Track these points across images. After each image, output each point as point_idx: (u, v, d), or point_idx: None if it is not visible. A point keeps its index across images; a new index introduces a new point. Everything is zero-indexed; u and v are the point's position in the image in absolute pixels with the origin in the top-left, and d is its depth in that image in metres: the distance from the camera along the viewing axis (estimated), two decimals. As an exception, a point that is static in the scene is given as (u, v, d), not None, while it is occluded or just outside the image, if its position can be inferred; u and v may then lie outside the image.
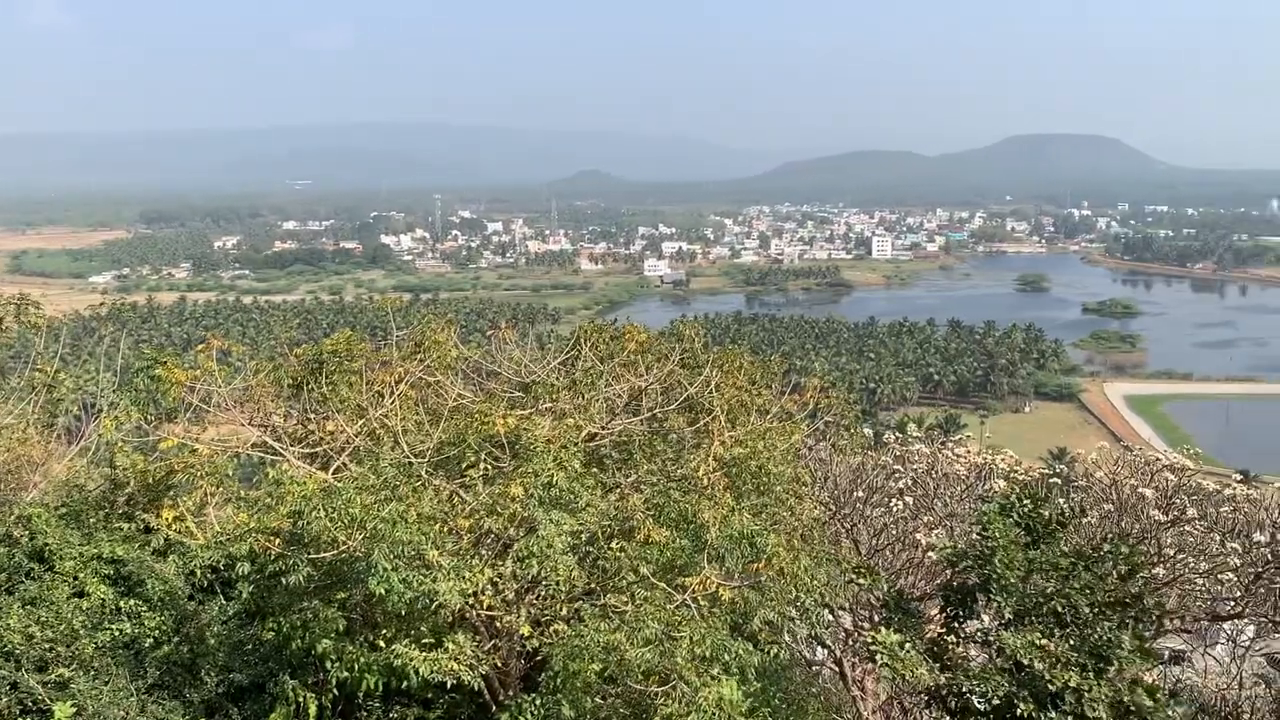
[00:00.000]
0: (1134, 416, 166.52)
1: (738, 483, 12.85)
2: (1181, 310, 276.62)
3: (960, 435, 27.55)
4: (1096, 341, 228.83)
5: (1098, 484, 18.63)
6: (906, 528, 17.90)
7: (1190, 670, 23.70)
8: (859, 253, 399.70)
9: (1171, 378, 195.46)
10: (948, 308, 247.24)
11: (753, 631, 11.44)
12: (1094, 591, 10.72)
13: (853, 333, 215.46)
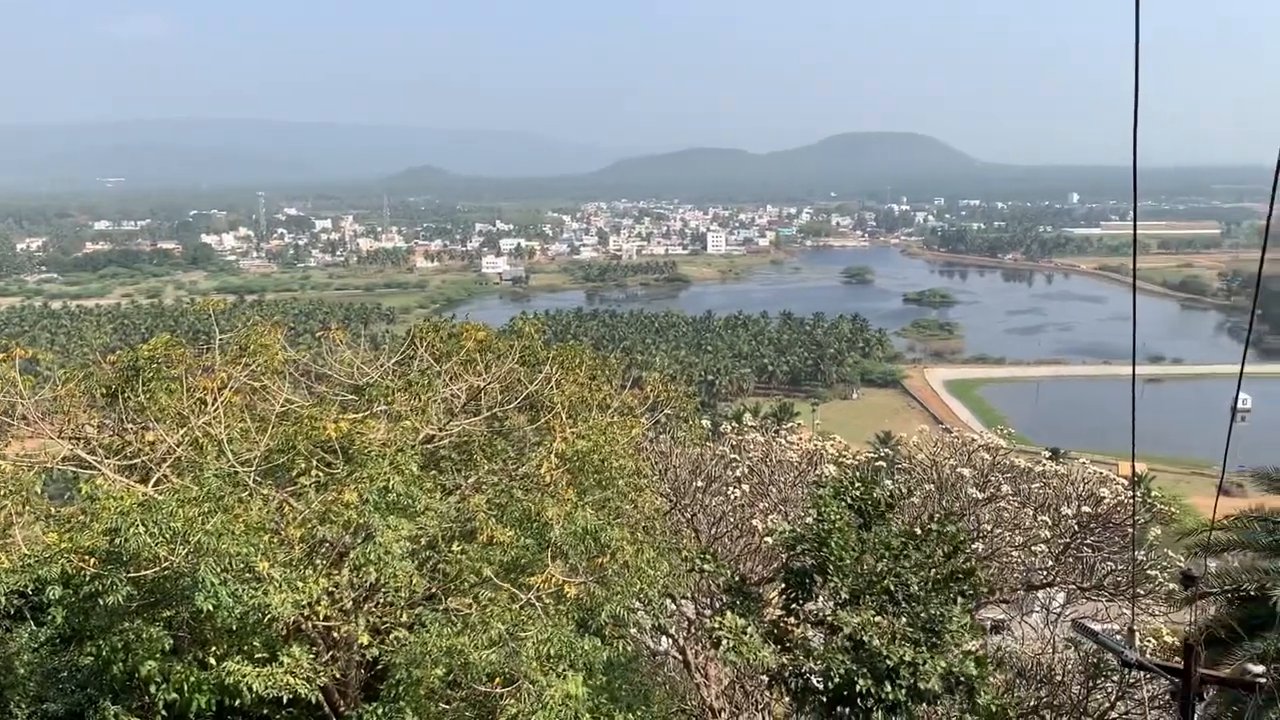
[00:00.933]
0: (953, 400, 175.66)
1: (580, 478, 12.86)
2: (994, 299, 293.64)
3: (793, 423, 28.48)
4: (917, 330, 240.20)
5: (920, 465, 19.59)
6: (744, 514, 18.37)
7: (1010, 638, 25.20)
8: (695, 248, 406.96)
9: (986, 362, 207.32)
10: (780, 300, 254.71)
11: (598, 626, 11.48)
12: (923, 569, 11.26)
13: (691, 326, 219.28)
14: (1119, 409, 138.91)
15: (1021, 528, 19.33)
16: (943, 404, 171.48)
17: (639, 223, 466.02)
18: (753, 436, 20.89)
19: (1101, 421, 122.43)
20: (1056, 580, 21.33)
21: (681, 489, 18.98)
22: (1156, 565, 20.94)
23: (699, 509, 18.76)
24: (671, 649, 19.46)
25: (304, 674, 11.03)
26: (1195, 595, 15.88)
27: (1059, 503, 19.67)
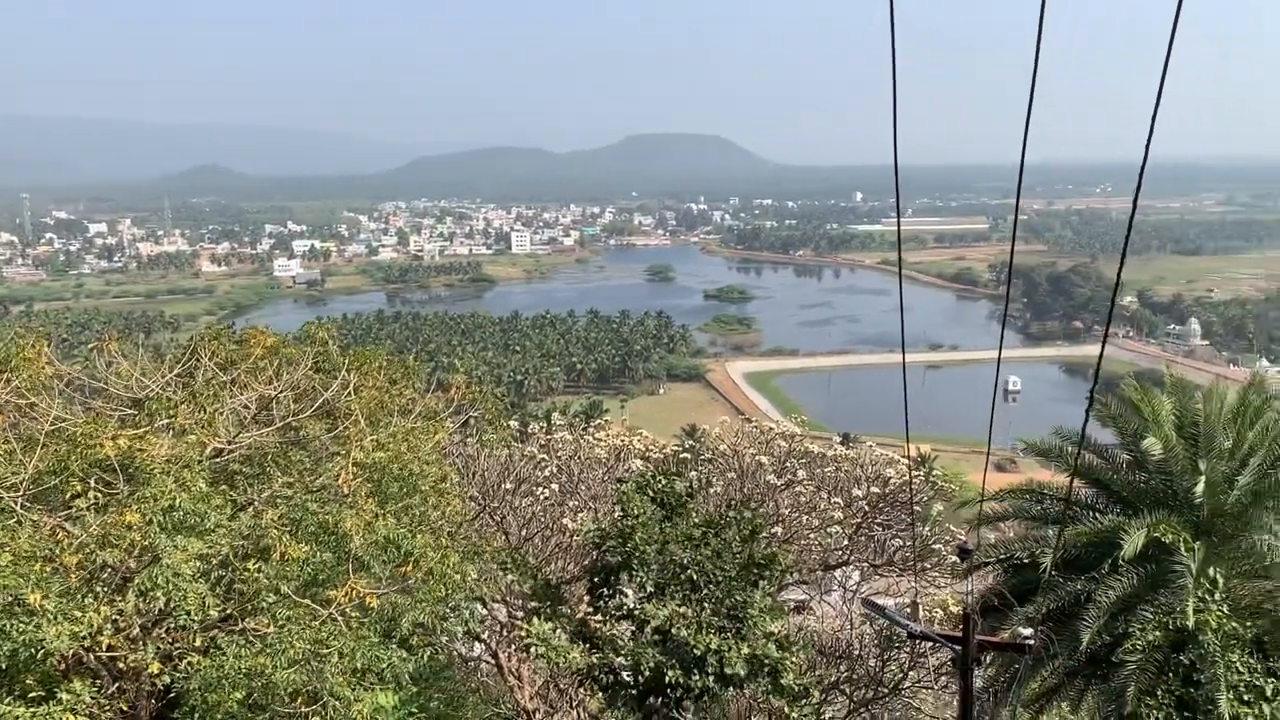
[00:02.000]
0: (753, 391, 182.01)
1: (382, 486, 12.53)
2: (787, 293, 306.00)
3: (602, 420, 28.73)
4: (718, 325, 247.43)
5: (722, 455, 20.19)
6: (554, 514, 18.40)
7: (812, 617, 26.33)
8: (499, 248, 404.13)
9: (782, 354, 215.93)
10: (586, 299, 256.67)
11: (403, 636, 11.24)
12: (723, 556, 11.59)
13: (498, 327, 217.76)
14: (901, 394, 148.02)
15: (817, 510, 20.22)
16: (744, 395, 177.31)
17: (440, 222, 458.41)
18: (561, 435, 20.96)
19: (889, 406, 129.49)
20: (851, 559, 22.46)
21: (490, 492, 18.81)
22: (940, 540, 22.39)
23: (508, 511, 18.65)
24: (484, 653, 19.27)
25: (86, 710, 10.26)
26: (972, 567, 17.04)
27: (850, 485, 20.70)
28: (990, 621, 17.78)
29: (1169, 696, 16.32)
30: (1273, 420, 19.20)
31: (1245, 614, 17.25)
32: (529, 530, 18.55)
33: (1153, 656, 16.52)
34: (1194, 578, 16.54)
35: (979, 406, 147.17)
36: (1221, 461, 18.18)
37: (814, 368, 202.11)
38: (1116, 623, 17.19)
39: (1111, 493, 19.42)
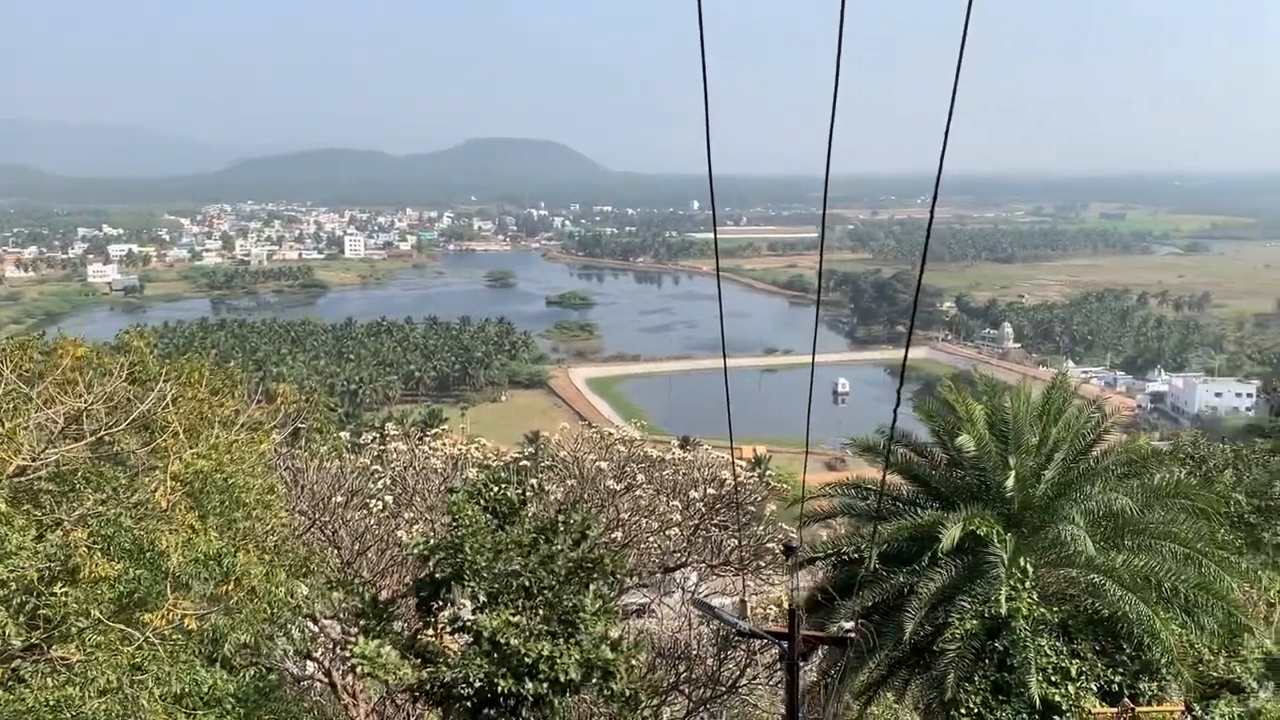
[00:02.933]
0: (596, 397, 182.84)
1: (203, 501, 11.97)
2: (628, 300, 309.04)
3: (440, 429, 28.26)
4: (560, 331, 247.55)
5: (563, 462, 20.21)
6: (389, 527, 17.99)
7: (653, 620, 26.63)
8: (332, 252, 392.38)
9: (624, 360, 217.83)
10: (424, 305, 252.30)
11: (225, 657, 10.76)
12: (555, 560, 11.59)
13: (331, 334, 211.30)
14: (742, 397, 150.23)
15: (656, 513, 20.48)
16: (586, 401, 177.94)
17: (269, 226, 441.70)
18: (396, 446, 20.52)
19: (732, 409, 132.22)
20: (690, 560, 22.85)
21: (321, 505, 18.24)
22: (773, 538, 23.03)
23: (340, 525, 18.12)
24: (317, 672, 18.66)
25: None
26: (797, 564, 17.60)
27: (688, 487, 21.05)
28: (820, 617, 18.40)
29: (985, 681, 17.29)
30: (1073, 417, 20.63)
31: (1052, 600, 18.46)
32: (362, 544, 18.07)
33: (970, 644, 17.46)
34: (1006, 568, 17.56)
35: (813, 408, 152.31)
36: (1029, 457, 19.39)
37: (655, 373, 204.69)
38: (937, 613, 18.10)
39: (931, 489, 20.43)
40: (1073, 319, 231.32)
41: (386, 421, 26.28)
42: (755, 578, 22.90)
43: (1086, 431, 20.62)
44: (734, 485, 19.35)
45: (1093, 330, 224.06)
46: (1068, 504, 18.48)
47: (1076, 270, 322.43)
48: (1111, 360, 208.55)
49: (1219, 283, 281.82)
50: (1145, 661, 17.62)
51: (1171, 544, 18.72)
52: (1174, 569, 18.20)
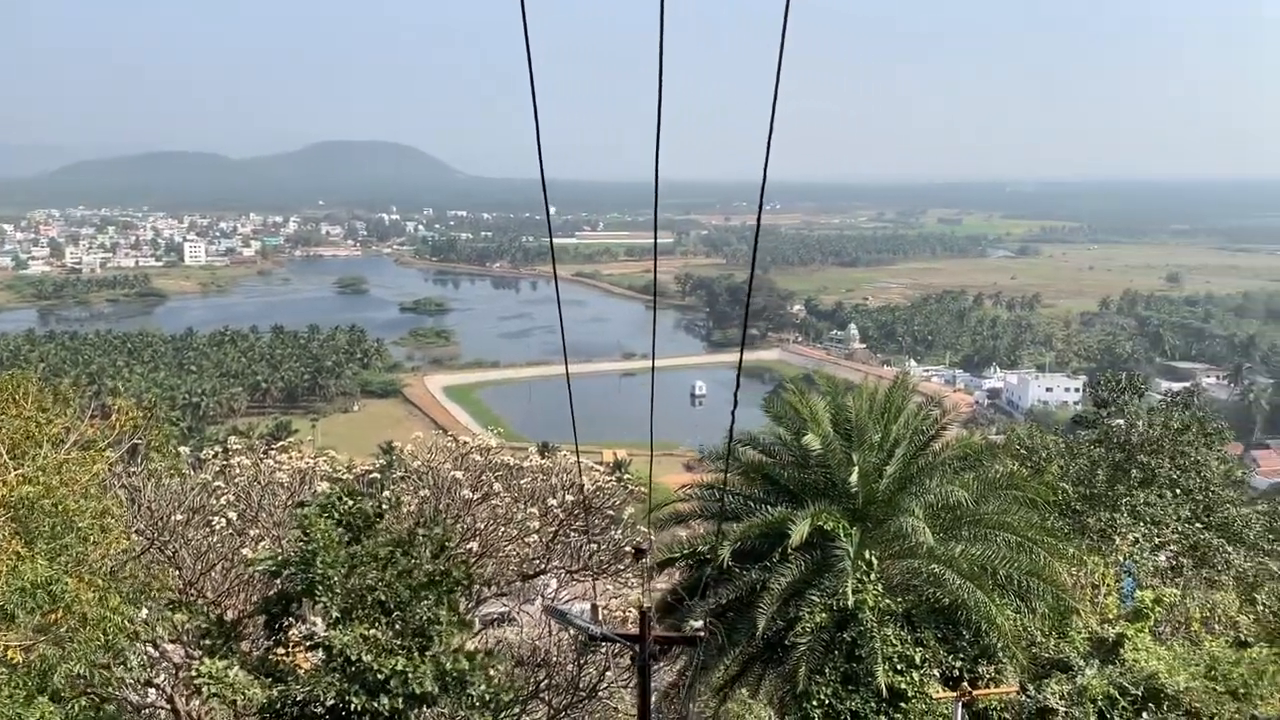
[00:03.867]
0: (453, 405, 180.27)
1: (30, 525, 11.29)
2: (486, 305, 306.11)
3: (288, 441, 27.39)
4: (415, 338, 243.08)
5: (417, 472, 19.88)
6: (233, 545, 17.33)
7: (514, 629, 26.44)
8: (171, 259, 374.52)
9: (483, 366, 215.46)
10: (270, 314, 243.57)
11: (56, 690, 10.18)
12: (412, 574, 11.42)
13: (171, 345, 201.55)
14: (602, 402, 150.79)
15: (514, 522, 20.36)
16: (444, 410, 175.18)
17: (101, 233, 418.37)
18: (239, 460, 19.78)
19: (588, 414, 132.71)
20: (549, 567, 22.80)
21: (160, 525, 17.41)
22: (631, 542, 23.23)
23: (181, 544, 17.34)
24: (159, 699, 17.81)
25: None
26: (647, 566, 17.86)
27: (547, 494, 21.01)
28: (677, 617, 18.71)
29: (835, 673, 17.89)
30: (913, 414, 21.58)
31: (897, 591, 19.26)
32: (205, 563, 17.34)
33: (820, 636, 18.05)
34: (852, 561, 18.23)
35: (670, 411, 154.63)
36: (873, 453, 20.18)
37: (515, 379, 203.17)
38: (788, 608, 18.64)
39: (781, 487, 21.02)
40: (914, 320, 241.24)
41: (230, 435, 25.28)
42: (614, 581, 23.06)
43: (926, 428, 21.59)
44: (581, 489, 19.47)
45: (933, 330, 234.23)
46: (909, 497, 19.32)
47: (917, 273, 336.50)
48: (950, 359, 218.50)
49: (1048, 284, 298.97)
50: (983, 646, 18.58)
51: (1005, 533, 19.79)
52: (1008, 557, 19.25)
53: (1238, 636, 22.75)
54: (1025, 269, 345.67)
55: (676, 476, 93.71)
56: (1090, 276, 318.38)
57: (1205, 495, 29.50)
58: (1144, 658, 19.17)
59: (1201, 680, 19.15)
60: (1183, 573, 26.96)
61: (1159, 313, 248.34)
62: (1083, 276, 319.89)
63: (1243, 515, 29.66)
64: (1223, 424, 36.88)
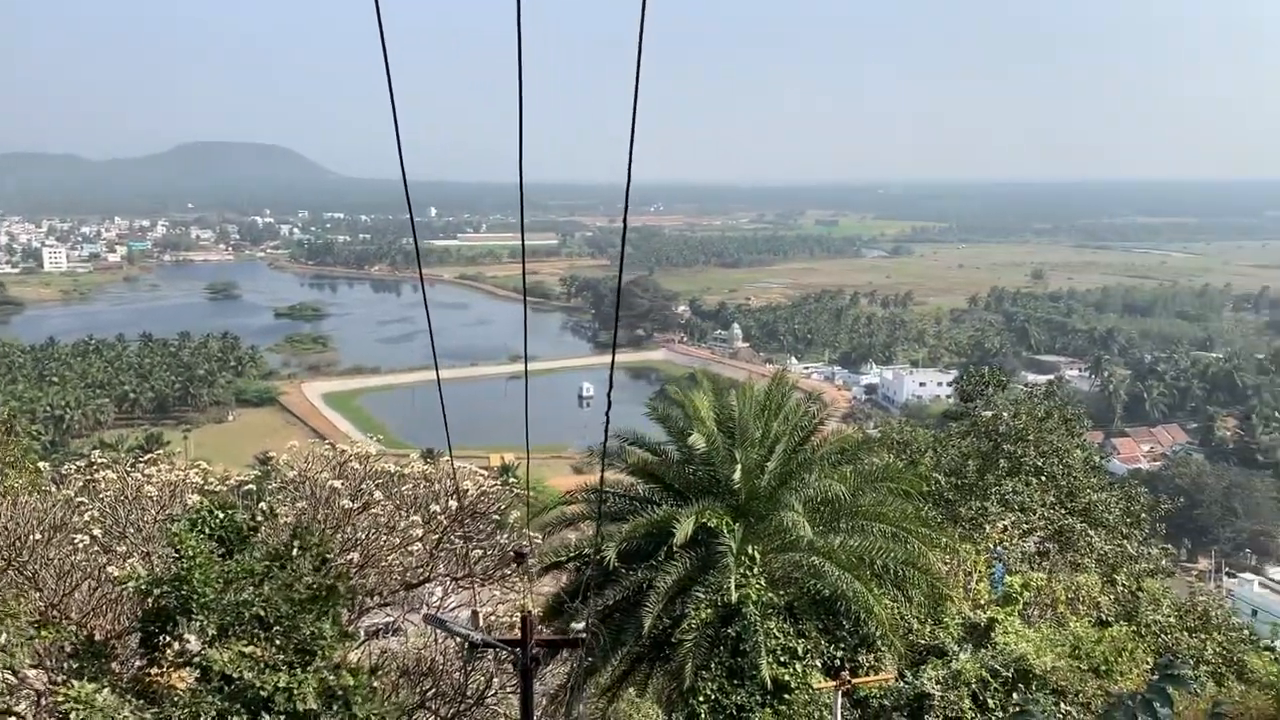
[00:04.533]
0: (333, 413, 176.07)
1: None
2: (366, 309, 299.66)
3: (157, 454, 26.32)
4: (292, 344, 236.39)
5: (292, 482, 19.35)
6: (98, 563, 16.55)
7: (399, 639, 25.99)
8: (29, 266, 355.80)
9: (363, 372, 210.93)
10: (138, 321, 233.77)
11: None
12: (293, 588, 11.12)
13: (30, 356, 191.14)
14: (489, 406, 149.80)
15: (397, 530, 20.01)
16: (323, 418, 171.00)
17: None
18: (105, 474, 18.91)
19: (474, 419, 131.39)
20: (434, 575, 22.49)
21: (18, 544, 16.51)
22: (518, 546, 23.10)
23: (41, 564, 16.47)
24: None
25: None
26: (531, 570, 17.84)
27: (429, 501, 20.71)
28: (565, 620, 18.70)
29: (721, 668, 18.15)
30: (793, 410, 22.06)
31: (779, 584, 19.65)
32: (69, 583, 16.51)
33: (705, 633, 18.29)
34: (735, 557, 18.53)
35: (559, 413, 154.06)
36: (754, 450, 20.55)
37: (397, 384, 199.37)
38: (675, 605, 18.84)
39: (667, 486, 21.23)
40: (795, 319, 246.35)
41: (94, 448, 24.19)
42: (501, 587, 22.89)
43: (805, 424, 22.10)
44: (459, 495, 19.29)
45: (812, 329, 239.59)
46: (789, 492, 19.75)
47: (796, 273, 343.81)
48: (829, 356, 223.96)
49: (919, 282, 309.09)
50: (863, 635, 19.11)
51: (882, 524, 20.40)
52: (884, 547, 19.84)
53: (1099, 616, 23.98)
54: (898, 268, 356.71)
55: (565, 479, 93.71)
56: (959, 274, 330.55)
57: (1068, 481, 30.96)
58: (1014, 640, 20.01)
59: (1067, 660, 20.11)
60: (1049, 557, 28.26)
61: (1024, 308, 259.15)
62: (952, 275, 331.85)
63: (1102, 500, 31.23)
64: (1081, 412, 38.81)
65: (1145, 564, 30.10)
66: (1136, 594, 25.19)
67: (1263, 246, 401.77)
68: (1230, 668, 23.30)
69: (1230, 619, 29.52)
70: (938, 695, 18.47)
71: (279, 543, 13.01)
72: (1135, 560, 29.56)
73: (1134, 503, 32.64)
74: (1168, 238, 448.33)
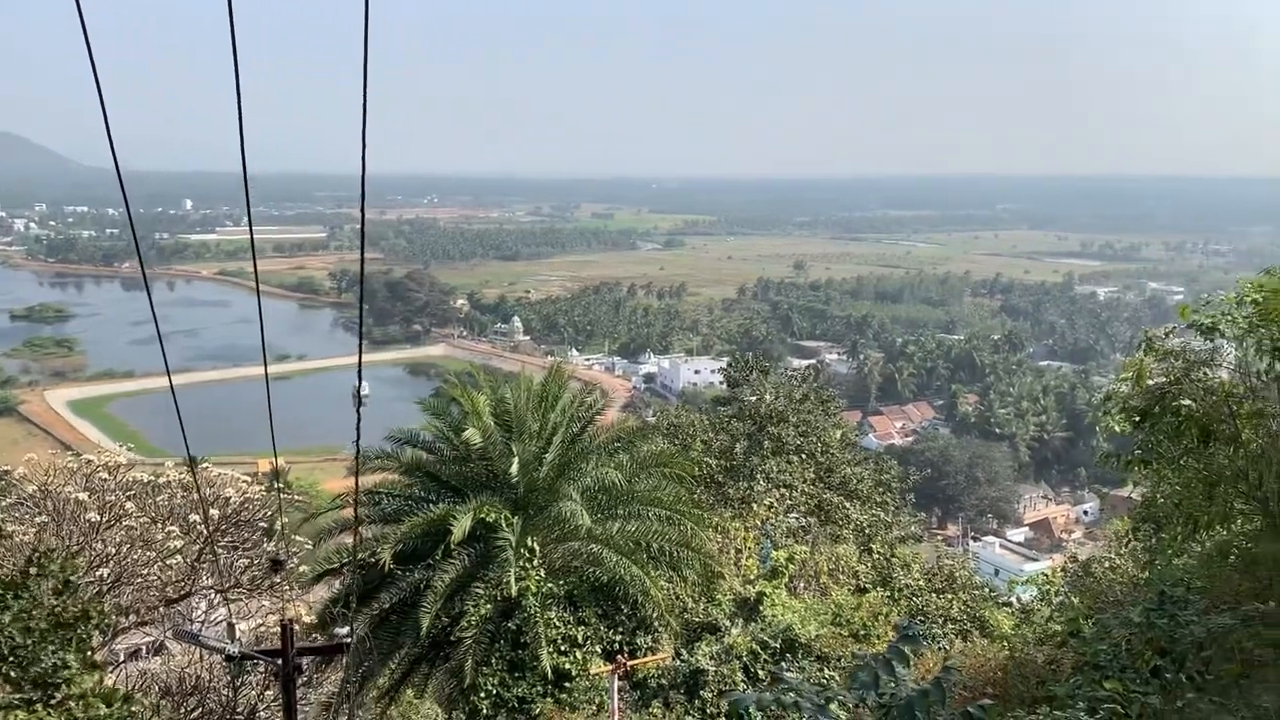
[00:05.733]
0: (81, 421, 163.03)
1: None
2: (115, 309, 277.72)
3: None
4: (31, 349, 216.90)
5: (30, 498, 17.86)
6: None
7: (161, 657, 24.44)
8: None
9: (114, 377, 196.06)
10: None
11: None
12: (33, 615, 10.25)
13: None
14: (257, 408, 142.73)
15: (153, 543, 18.83)
16: (70, 427, 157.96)
17: None
18: None
19: (240, 422, 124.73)
20: (197, 589, 21.30)
21: None
22: (288, 553, 22.24)
23: None
24: None
25: None
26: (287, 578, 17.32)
27: (188, 510, 19.61)
28: (341, 625, 18.15)
29: (502, 661, 18.19)
30: (569, 401, 22.31)
31: (559, 574, 19.87)
32: None
33: (486, 628, 18.26)
34: (515, 550, 18.59)
35: (333, 413, 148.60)
36: (532, 442, 20.65)
37: (153, 389, 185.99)
38: (454, 603, 18.69)
39: (443, 483, 21.01)
40: (574, 311, 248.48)
41: None
42: (271, 597, 21.97)
43: (581, 414, 22.41)
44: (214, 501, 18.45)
45: (592, 321, 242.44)
46: (567, 483, 19.99)
47: (575, 266, 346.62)
48: (610, 347, 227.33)
49: (692, 274, 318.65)
50: (641, 618, 19.63)
51: (657, 508, 20.99)
52: (660, 530, 20.44)
53: (858, 584, 25.66)
54: (672, 260, 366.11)
55: (340, 481, 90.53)
56: (729, 266, 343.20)
57: (826, 458, 32.90)
58: (780, 612, 21.12)
59: (829, 627, 21.42)
60: (810, 530, 29.94)
61: (788, 298, 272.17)
62: (722, 266, 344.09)
63: (856, 474, 33.39)
64: (836, 393, 41.28)
65: (898, 532, 32.44)
66: (890, 560, 27.09)
67: (995, 236, 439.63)
68: (974, 624, 25.47)
69: (973, 579, 32.29)
70: (712, 670, 19.24)
71: (14, 567, 11.99)
72: (889, 529, 31.79)
73: (885, 475, 35.07)
74: (914, 229, 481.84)
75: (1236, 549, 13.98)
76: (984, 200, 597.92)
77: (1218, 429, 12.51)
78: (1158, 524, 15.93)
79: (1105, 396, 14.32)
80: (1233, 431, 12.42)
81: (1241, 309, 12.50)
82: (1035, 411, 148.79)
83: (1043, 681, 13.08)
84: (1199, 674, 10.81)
